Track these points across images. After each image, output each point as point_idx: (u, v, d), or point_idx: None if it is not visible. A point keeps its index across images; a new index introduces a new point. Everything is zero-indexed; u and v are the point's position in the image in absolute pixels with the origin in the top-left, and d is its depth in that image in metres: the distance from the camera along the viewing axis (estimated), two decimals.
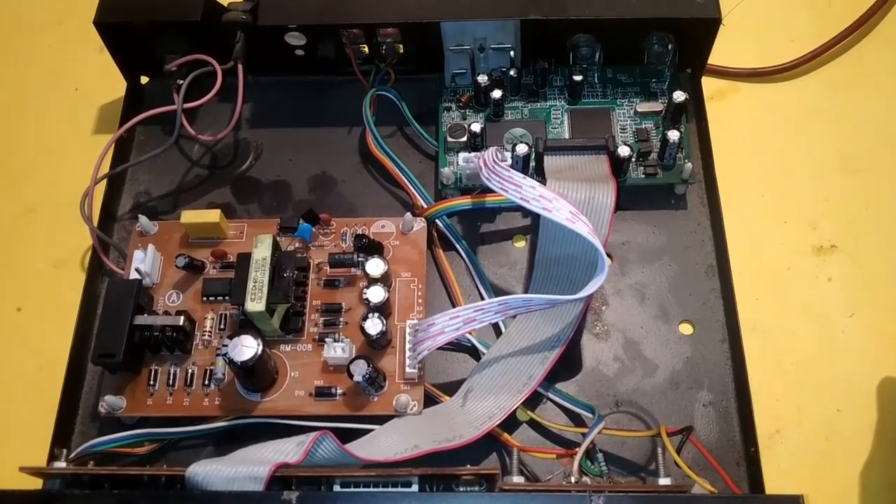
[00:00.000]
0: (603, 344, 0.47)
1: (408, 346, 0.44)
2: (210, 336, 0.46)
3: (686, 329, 0.47)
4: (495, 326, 0.47)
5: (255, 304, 0.43)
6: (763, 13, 0.59)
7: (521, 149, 0.48)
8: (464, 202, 0.48)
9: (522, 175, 0.44)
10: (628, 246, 0.50)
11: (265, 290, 0.43)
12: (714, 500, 0.39)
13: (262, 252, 0.44)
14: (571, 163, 0.47)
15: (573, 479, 0.40)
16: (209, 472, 0.37)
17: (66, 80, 0.59)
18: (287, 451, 0.38)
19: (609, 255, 0.49)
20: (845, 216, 0.52)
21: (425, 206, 0.49)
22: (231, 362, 0.41)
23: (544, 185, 0.44)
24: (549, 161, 0.48)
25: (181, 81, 0.50)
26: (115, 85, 0.56)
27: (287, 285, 0.44)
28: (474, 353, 0.47)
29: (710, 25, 0.50)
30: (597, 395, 0.46)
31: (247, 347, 0.41)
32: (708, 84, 0.55)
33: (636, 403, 0.45)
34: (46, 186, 0.55)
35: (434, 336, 0.42)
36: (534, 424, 0.45)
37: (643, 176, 0.50)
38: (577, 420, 0.45)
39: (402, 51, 0.52)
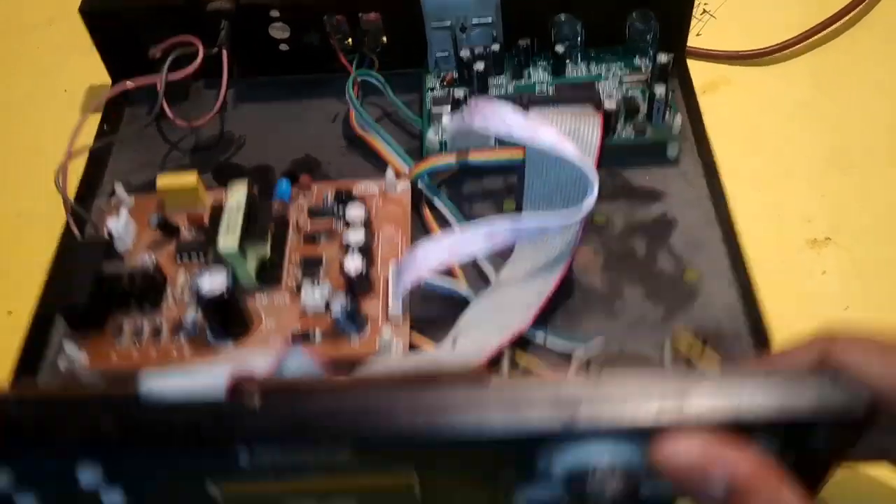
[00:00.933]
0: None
1: (391, 282, 0.41)
2: (182, 293, 0.43)
3: None
4: (485, 277, 0.44)
5: (228, 239, 0.41)
6: (754, 3, 0.60)
7: None
8: (448, 160, 0.47)
9: (505, 102, 0.42)
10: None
11: (238, 229, 0.41)
12: None
13: (236, 197, 0.43)
14: (557, 112, 0.46)
15: None
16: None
17: (54, 81, 0.59)
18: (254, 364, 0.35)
19: None
20: (840, 209, 0.50)
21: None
22: (201, 298, 0.39)
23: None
24: (535, 114, 0.47)
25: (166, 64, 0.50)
26: (103, 88, 0.56)
27: (263, 227, 0.42)
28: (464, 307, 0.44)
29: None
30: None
31: (218, 278, 0.39)
32: (700, 76, 0.55)
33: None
34: (33, 189, 0.53)
35: (418, 267, 0.40)
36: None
37: (632, 136, 0.49)
38: None
39: (385, 41, 0.53)
